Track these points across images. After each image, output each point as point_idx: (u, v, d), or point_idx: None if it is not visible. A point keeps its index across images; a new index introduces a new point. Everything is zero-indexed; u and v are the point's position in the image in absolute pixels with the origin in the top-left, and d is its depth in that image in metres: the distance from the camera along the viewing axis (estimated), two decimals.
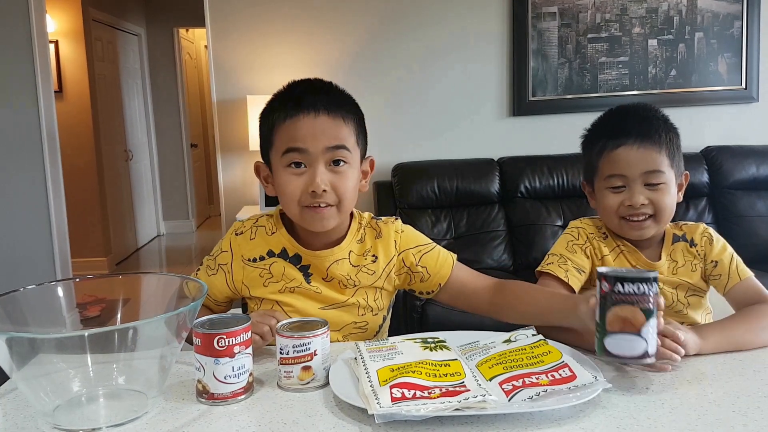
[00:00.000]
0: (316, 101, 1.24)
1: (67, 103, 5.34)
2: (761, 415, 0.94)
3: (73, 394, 1.02)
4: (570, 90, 3.91)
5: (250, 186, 4.00)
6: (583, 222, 1.49)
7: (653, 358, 1.01)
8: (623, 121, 1.39)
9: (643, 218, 1.36)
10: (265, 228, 1.36)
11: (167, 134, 7.07)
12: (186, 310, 0.98)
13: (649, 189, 1.35)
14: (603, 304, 1.02)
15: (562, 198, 3.64)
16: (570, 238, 1.46)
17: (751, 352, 1.18)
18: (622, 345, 1.00)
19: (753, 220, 3.53)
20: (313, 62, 3.89)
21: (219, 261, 1.36)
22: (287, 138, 1.25)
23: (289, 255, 1.34)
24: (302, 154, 1.24)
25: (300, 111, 1.24)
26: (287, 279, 1.33)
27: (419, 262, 1.37)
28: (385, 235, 1.38)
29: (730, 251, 1.40)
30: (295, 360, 1.05)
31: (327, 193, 1.24)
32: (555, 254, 1.45)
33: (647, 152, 1.34)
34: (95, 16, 5.60)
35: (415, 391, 0.96)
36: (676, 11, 3.85)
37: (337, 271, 1.33)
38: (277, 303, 1.33)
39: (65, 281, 1.17)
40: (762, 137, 3.91)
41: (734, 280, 1.36)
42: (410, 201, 3.58)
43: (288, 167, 1.25)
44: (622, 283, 1.00)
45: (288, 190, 1.26)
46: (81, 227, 5.33)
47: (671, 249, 1.43)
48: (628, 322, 1.00)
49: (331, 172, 1.25)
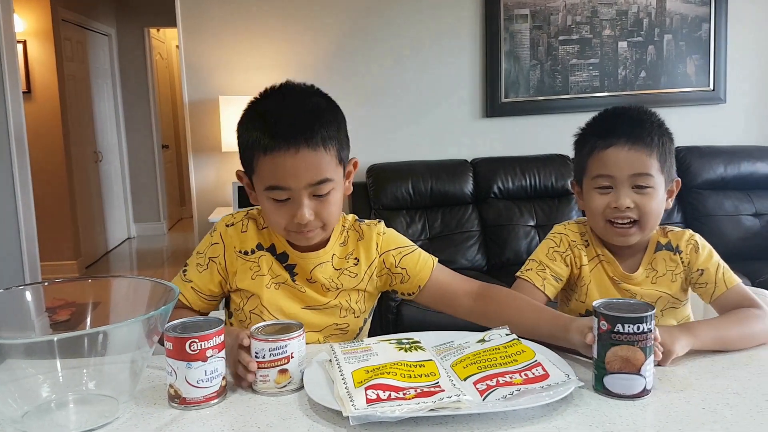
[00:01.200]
0: (295, 133, 1.19)
1: (35, 103, 5.26)
2: (731, 411, 0.95)
3: (43, 399, 1.00)
4: (542, 92, 3.95)
5: (222, 187, 3.97)
6: (568, 228, 1.48)
7: (650, 392, 1.01)
8: (615, 122, 1.38)
9: (627, 223, 1.35)
10: (257, 221, 1.37)
11: (138, 135, 6.98)
12: (157, 313, 0.96)
13: (637, 192, 1.34)
14: (601, 343, 1.01)
15: (535, 198, 3.67)
16: (552, 245, 1.46)
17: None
18: (622, 384, 1.00)
19: (721, 219, 3.60)
20: (286, 63, 3.87)
21: (209, 254, 1.35)
22: (269, 174, 1.22)
23: (277, 252, 1.35)
24: (285, 191, 1.22)
25: (280, 146, 1.19)
26: (274, 274, 1.34)
27: (399, 264, 1.37)
28: (367, 237, 1.38)
29: (716, 259, 1.39)
30: (271, 363, 1.05)
31: (312, 221, 1.24)
32: (535, 260, 1.45)
33: (637, 154, 1.33)
34: (64, 15, 5.52)
35: (390, 392, 0.96)
36: (646, 13, 3.91)
37: (319, 275, 1.34)
38: (260, 303, 1.33)
39: (34, 285, 1.15)
40: (729, 138, 3.98)
41: (721, 288, 1.34)
42: (385, 202, 3.58)
43: (272, 198, 1.24)
44: (623, 324, 0.99)
45: (273, 219, 1.26)
46: (50, 230, 5.24)
47: (653, 258, 1.42)
48: (628, 361, 0.99)
49: (315, 200, 1.24)
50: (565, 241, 1.46)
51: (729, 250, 3.38)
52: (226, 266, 1.34)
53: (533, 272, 1.43)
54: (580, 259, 1.44)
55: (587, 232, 1.46)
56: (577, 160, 1.45)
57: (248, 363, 1.05)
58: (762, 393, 1.01)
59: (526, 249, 3.46)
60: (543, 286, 1.41)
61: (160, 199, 7.20)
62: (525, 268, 1.45)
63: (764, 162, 3.71)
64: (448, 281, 1.38)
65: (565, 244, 1.45)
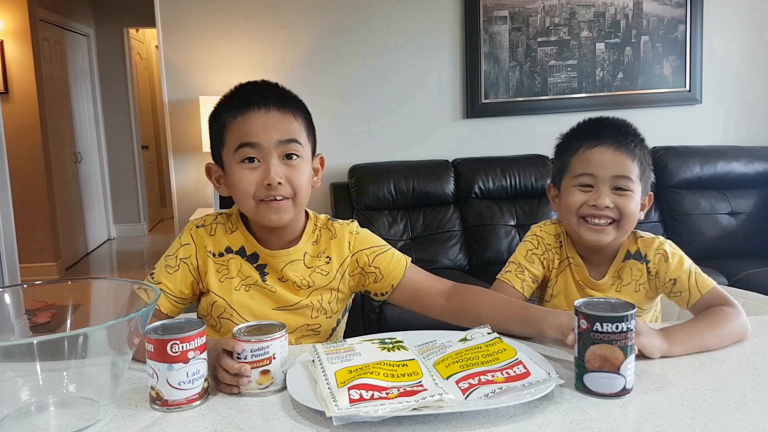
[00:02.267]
0: (266, 97, 1.27)
1: (13, 104, 5.20)
2: (708, 407, 0.97)
3: (22, 403, 0.99)
4: (521, 93, 3.97)
5: (203, 188, 3.95)
6: (544, 229, 1.52)
7: (631, 391, 1.01)
8: (602, 127, 1.42)
9: (605, 222, 1.37)
10: (225, 226, 1.37)
11: (118, 136, 6.92)
12: (138, 315, 0.96)
13: (616, 194, 1.37)
14: (581, 341, 1.02)
15: (515, 198, 3.70)
16: (530, 247, 1.50)
17: None
18: (601, 383, 1.00)
19: (697, 218, 3.64)
20: (267, 62, 3.86)
21: (181, 255, 1.34)
22: (239, 134, 1.26)
23: (247, 253, 1.34)
24: (255, 149, 1.25)
25: (251, 107, 1.26)
26: (243, 276, 1.33)
27: (372, 263, 1.38)
28: (339, 236, 1.39)
29: (687, 266, 1.39)
30: (253, 364, 1.04)
31: (282, 186, 1.25)
32: (514, 263, 1.50)
33: (621, 157, 1.37)
34: (42, 15, 5.46)
35: (373, 392, 0.96)
36: (623, 15, 3.94)
37: (291, 273, 1.34)
38: (228, 306, 1.32)
39: (13, 287, 1.14)
40: (705, 138, 4.04)
41: (696, 295, 1.35)
42: (367, 202, 3.59)
43: (242, 163, 1.27)
44: (602, 323, 0.99)
45: (243, 185, 1.26)
46: (29, 231, 5.18)
47: (620, 266, 1.45)
48: (607, 360, 0.99)
49: (284, 165, 1.27)
50: (542, 244, 1.50)
51: (705, 249, 3.49)
52: (199, 267, 1.34)
53: (512, 274, 1.48)
54: (553, 262, 1.49)
55: (561, 233, 1.50)
56: (559, 162, 1.48)
57: (238, 369, 1.02)
58: (739, 389, 1.03)
59: (507, 248, 3.49)
60: (522, 288, 1.46)
61: (140, 200, 7.14)
62: (505, 270, 1.50)
63: (740, 162, 3.76)
64: (421, 280, 1.39)
65: (542, 247, 1.49)
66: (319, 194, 3.75)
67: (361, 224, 1.45)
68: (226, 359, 1.04)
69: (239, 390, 1.05)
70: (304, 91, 1.35)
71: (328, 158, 1.41)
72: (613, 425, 0.92)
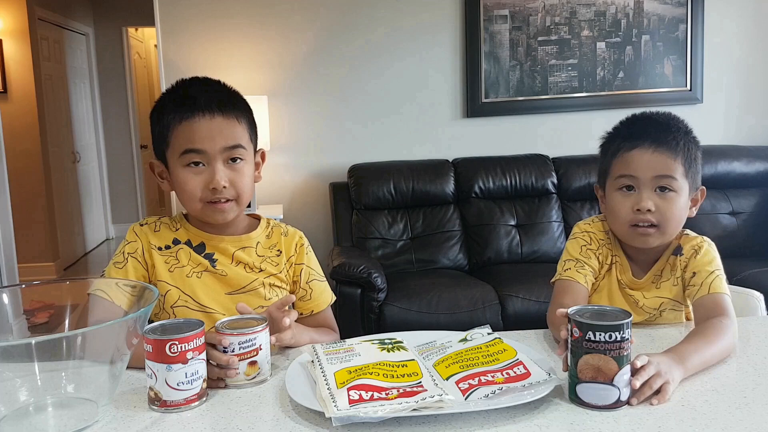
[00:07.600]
0: (210, 102, 1.29)
1: (12, 103, 5.19)
2: (709, 408, 0.97)
3: (21, 403, 0.99)
4: (521, 92, 3.97)
5: None
6: (593, 225, 1.48)
7: (626, 404, 0.98)
8: (642, 126, 1.38)
9: (648, 226, 1.34)
10: (169, 225, 1.40)
11: (116, 135, 6.91)
12: (136, 315, 0.96)
13: (659, 195, 1.33)
14: (574, 349, 0.99)
15: (515, 198, 3.69)
16: (583, 243, 1.46)
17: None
18: (594, 394, 0.97)
19: (698, 218, 3.48)
20: (267, 62, 3.85)
21: (127, 251, 1.35)
22: (184, 139, 1.29)
23: (194, 245, 1.38)
24: (201, 155, 1.29)
25: (195, 112, 1.28)
26: (194, 263, 1.36)
27: (309, 283, 1.44)
28: (290, 235, 1.45)
29: (714, 267, 1.36)
30: (241, 356, 1.07)
31: (227, 189, 1.30)
32: (571, 260, 1.44)
33: (661, 157, 1.33)
34: (41, 14, 5.45)
35: (372, 392, 0.96)
36: (624, 14, 3.94)
37: (244, 255, 1.38)
38: (183, 293, 1.34)
39: (11, 287, 1.13)
40: (706, 137, 4.00)
41: (703, 291, 1.32)
42: (366, 202, 3.58)
43: (187, 167, 1.30)
44: (594, 332, 0.96)
45: (188, 188, 1.30)
46: (27, 231, 5.18)
47: (663, 265, 1.41)
48: (600, 371, 0.96)
49: (229, 169, 1.31)
50: (595, 239, 1.46)
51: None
52: (146, 259, 1.36)
53: (573, 270, 1.42)
54: (606, 257, 1.45)
55: (609, 231, 1.46)
56: (602, 163, 1.45)
57: (227, 361, 1.06)
58: (740, 389, 1.03)
59: (507, 248, 3.49)
60: (586, 282, 1.40)
61: (138, 200, 7.13)
62: (563, 269, 1.44)
63: (740, 161, 3.76)
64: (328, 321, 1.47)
65: (595, 243, 1.45)
66: (319, 194, 3.76)
67: (361, 224, 1.46)
68: (213, 352, 1.07)
69: (225, 383, 1.08)
70: (304, 91, 1.36)
71: (328, 158, 1.42)
72: (613, 425, 0.92)
